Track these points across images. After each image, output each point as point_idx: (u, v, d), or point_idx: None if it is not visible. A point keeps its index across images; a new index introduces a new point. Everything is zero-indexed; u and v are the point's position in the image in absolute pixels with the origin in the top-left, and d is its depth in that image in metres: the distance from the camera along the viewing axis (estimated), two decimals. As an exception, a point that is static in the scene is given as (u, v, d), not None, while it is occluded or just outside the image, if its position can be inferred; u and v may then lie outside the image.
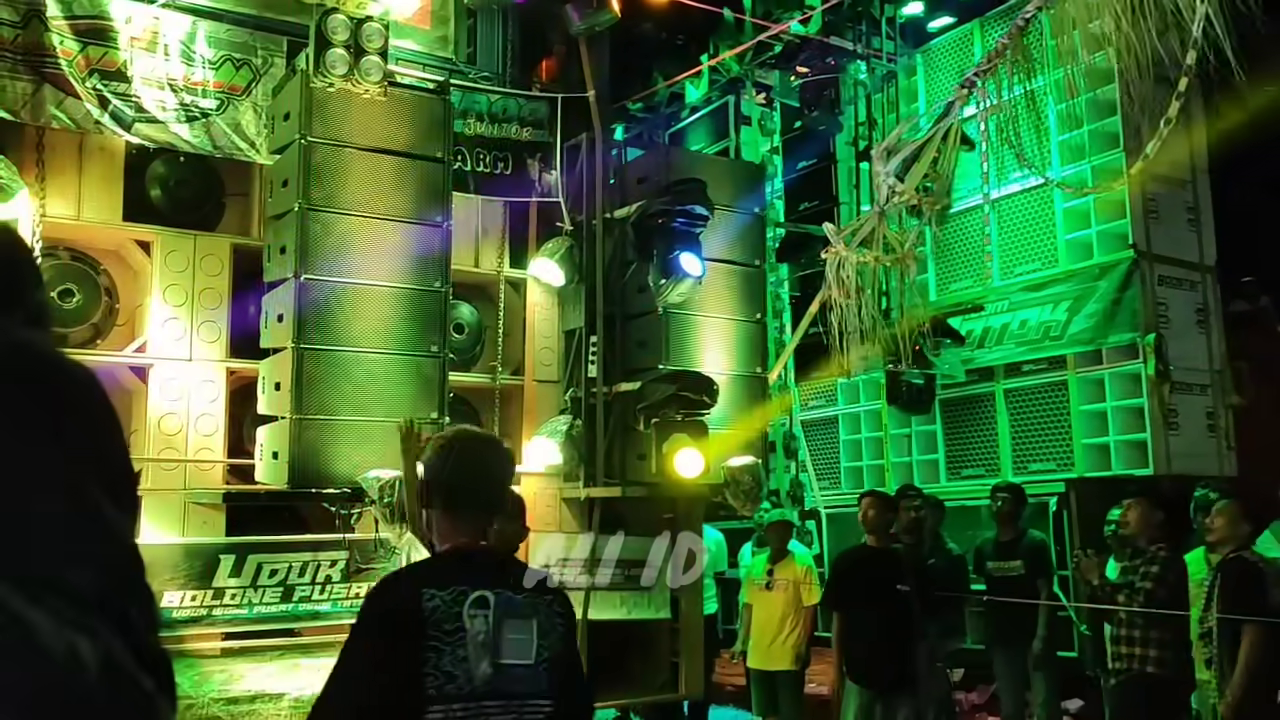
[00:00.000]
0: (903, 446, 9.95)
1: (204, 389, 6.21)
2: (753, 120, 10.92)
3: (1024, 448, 8.97)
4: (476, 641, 2.25)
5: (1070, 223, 8.69)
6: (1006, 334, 8.93)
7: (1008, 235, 9.16)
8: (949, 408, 9.40)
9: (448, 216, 6.18)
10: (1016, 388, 8.98)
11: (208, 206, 6.47)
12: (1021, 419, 8.99)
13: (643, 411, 6.66)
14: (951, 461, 9.50)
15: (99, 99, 5.87)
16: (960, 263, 9.45)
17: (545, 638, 2.33)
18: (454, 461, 2.40)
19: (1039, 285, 8.79)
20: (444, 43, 7.17)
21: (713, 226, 6.98)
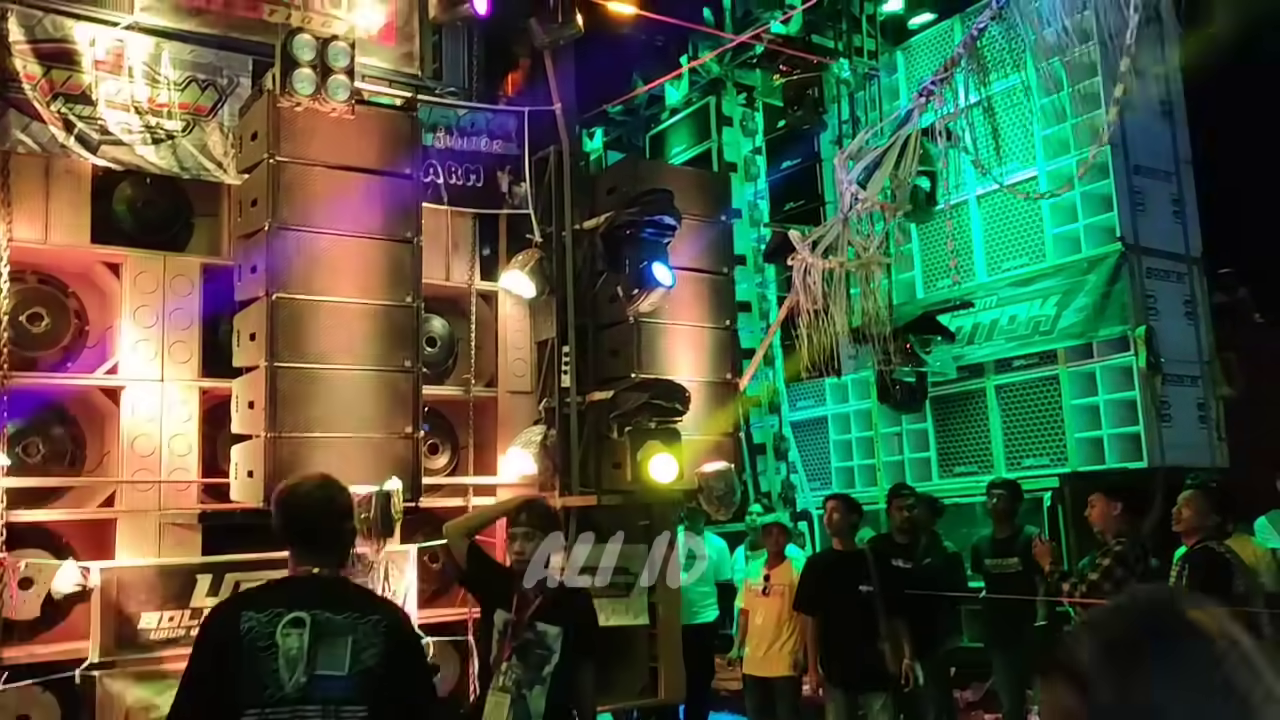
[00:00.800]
0: (893, 445, 9.89)
1: (177, 409, 6.22)
2: (734, 121, 10.90)
3: (1017, 443, 8.96)
4: (289, 656, 2.64)
5: (1056, 217, 8.66)
6: (996, 330, 8.94)
7: (994, 231, 9.14)
8: (939, 405, 9.37)
9: (418, 232, 6.21)
10: (1007, 383, 8.98)
11: (176, 227, 6.47)
12: (1013, 415, 8.98)
13: (616, 420, 6.73)
14: (944, 459, 9.47)
15: (64, 122, 5.87)
16: (946, 260, 9.47)
17: (361, 652, 2.69)
18: (281, 510, 2.98)
19: (1027, 280, 8.79)
20: (410, 59, 7.21)
21: (681, 235, 7.06)
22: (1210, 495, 5.38)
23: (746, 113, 10.92)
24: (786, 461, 10.38)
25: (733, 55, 10.16)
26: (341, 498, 3.05)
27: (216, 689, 2.65)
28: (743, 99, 10.90)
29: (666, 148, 11.38)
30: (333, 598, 2.80)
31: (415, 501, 6.10)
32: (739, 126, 10.97)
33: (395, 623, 2.86)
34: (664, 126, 11.48)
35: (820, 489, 10.22)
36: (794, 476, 10.43)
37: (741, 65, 10.48)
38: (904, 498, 7.45)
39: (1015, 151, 8.85)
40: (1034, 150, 8.75)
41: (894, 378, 8.86)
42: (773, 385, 10.55)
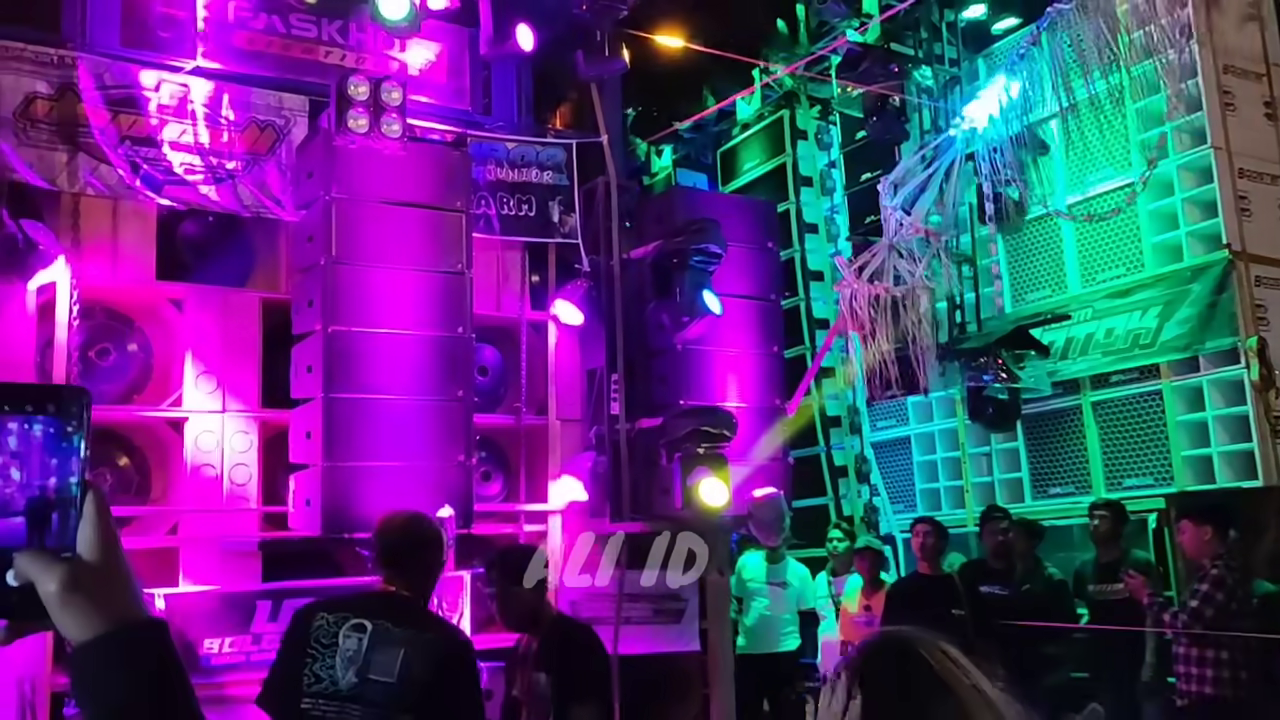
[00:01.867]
0: (982, 466, 9.52)
1: (237, 440, 6.40)
2: (809, 134, 10.66)
3: (1117, 462, 8.50)
4: (345, 655, 2.94)
5: (1157, 225, 8.25)
6: (1091, 344, 8.48)
7: (1088, 241, 8.65)
8: (1031, 423, 8.93)
9: (468, 265, 6.36)
10: (1106, 399, 8.53)
11: (237, 263, 6.68)
12: (1113, 432, 8.53)
13: (665, 446, 6.79)
14: (1037, 480, 9.01)
15: (131, 165, 6.10)
16: (1038, 271, 9.03)
17: (412, 664, 2.93)
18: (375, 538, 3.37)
19: (1125, 291, 8.33)
20: (461, 95, 7.39)
21: (728, 262, 7.13)
22: None
23: (821, 125, 10.72)
24: (869, 484, 10.10)
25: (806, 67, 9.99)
26: (423, 530, 3.38)
27: (288, 675, 3.03)
28: (816, 111, 10.71)
29: (738, 163, 11.14)
30: (399, 612, 3.06)
31: (467, 528, 6.21)
32: (814, 140, 10.77)
33: (450, 643, 3.10)
34: (735, 142, 11.27)
35: (904, 512, 9.89)
36: (876, 499, 10.14)
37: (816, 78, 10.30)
38: (998, 520, 7.15)
39: (1110, 157, 8.44)
40: (1130, 156, 8.31)
41: (985, 395, 8.42)
42: (853, 405, 10.29)
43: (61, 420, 0.96)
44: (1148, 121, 8.10)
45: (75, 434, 0.97)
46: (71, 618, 0.96)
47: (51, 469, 0.96)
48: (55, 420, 0.96)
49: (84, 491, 0.98)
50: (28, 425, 0.95)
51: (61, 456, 0.96)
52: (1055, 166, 8.48)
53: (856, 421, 10.35)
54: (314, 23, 6.84)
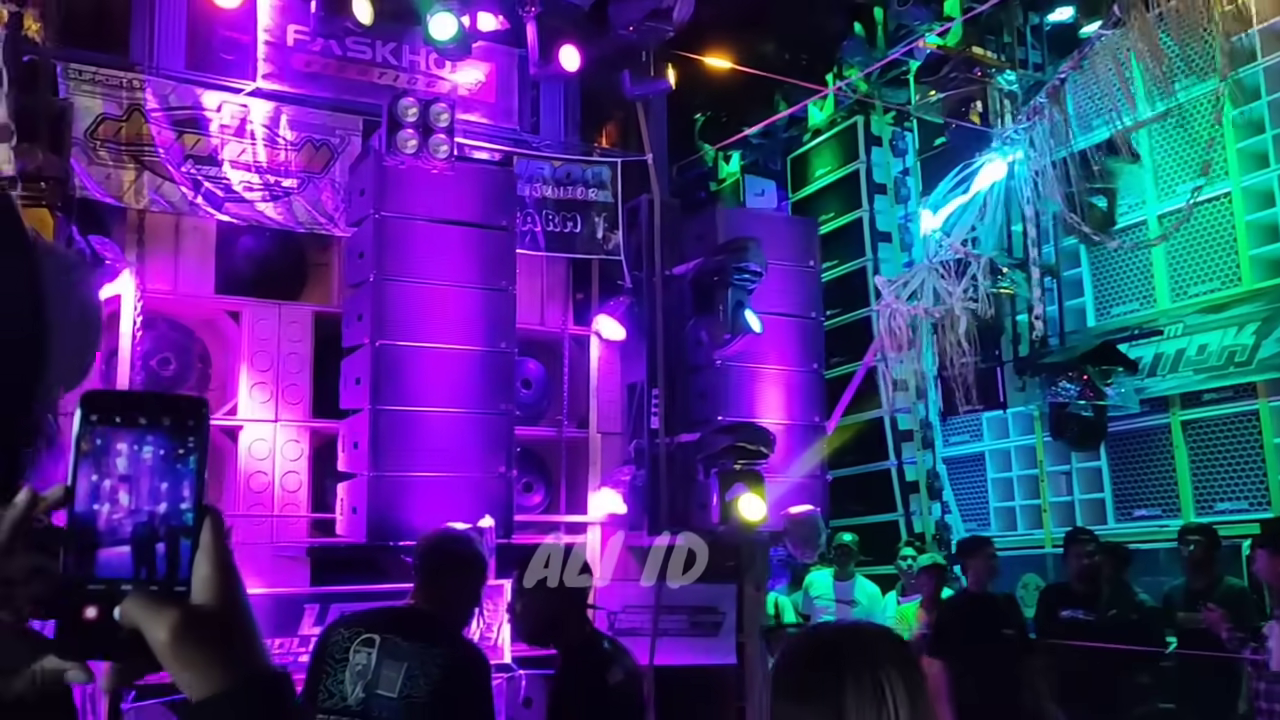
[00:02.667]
0: (1060, 485, 9.13)
1: (289, 448, 6.63)
2: (884, 140, 10.40)
3: (1208, 485, 8.13)
4: (354, 670, 2.95)
5: (1255, 237, 7.82)
6: (1182, 361, 8.11)
7: (1180, 253, 8.26)
8: (1115, 442, 8.51)
9: (513, 282, 6.54)
10: (1197, 419, 8.14)
11: (292, 278, 6.92)
12: (1204, 453, 8.15)
13: (702, 461, 6.91)
14: (1121, 501, 8.61)
15: (193, 182, 6.37)
16: (1124, 284, 8.65)
17: (413, 679, 2.92)
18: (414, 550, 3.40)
19: (1219, 306, 7.95)
20: (509, 114, 7.58)
21: (769, 281, 7.24)
22: None
23: (896, 131, 10.39)
24: (941, 501, 9.74)
25: (882, 72, 9.69)
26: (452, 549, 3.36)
27: (308, 691, 3.06)
28: (890, 117, 10.35)
29: (809, 170, 10.84)
30: (412, 627, 3.06)
31: (508, 538, 6.37)
32: (888, 146, 10.43)
33: (456, 657, 3.06)
34: (806, 148, 10.97)
35: (976, 530, 9.55)
36: (948, 517, 9.79)
37: (891, 82, 9.96)
38: (1083, 543, 6.87)
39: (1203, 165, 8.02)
40: (1226, 165, 7.92)
41: (1069, 412, 8.02)
42: (926, 419, 9.90)
43: (176, 437, 0.87)
44: (1248, 130, 7.78)
45: (191, 454, 0.88)
46: (185, 670, 0.84)
47: (162, 493, 0.86)
48: (169, 437, 0.87)
49: (200, 519, 0.88)
50: (138, 443, 0.85)
51: (174, 479, 0.87)
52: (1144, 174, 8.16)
53: (929, 436, 10.05)
54: (369, 45, 7.07)
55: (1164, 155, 8.04)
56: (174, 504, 0.87)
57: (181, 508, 0.87)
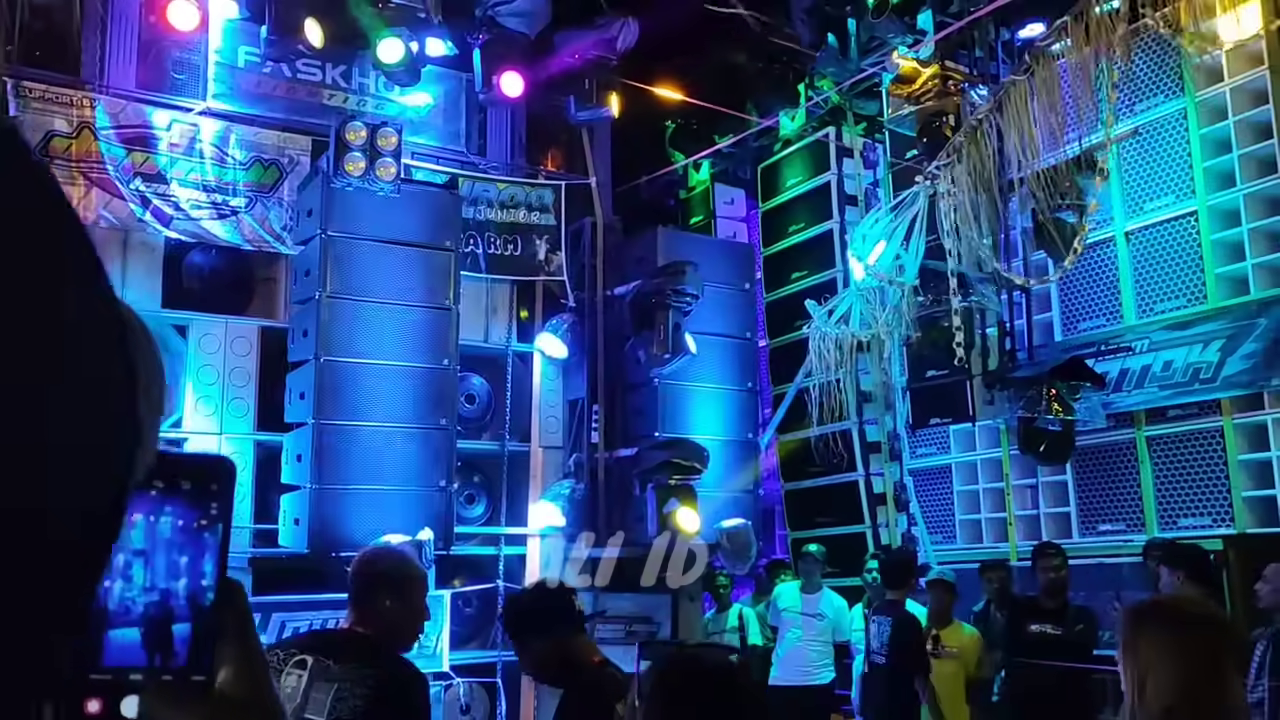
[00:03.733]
0: (1026, 498, 9.08)
1: (233, 460, 6.75)
2: (855, 152, 10.39)
3: (1172, 500, 8.11)
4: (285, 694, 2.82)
5: (1221, 255, 7.83)
6: (1148, 377, 8.10)
7: (1146, 270, 8.27)
8: (1081, 457, 8.49)
9: (455, 300, 6.74)
10: (1162, 434, 8.14)
11: (239, 292, 7.07)
12: (1169, 469, 8.12)
13: (639, 476, 7.15)
14: (1085, 515, 8.57)
15: (141, 199, 6.51)
16: (1091, 300, 8.62)
17: (340, 702, 2.82)
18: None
19: (1185, 323, 7.94)
20: (456, 137, 7.79)
21: (706, 302, 7.50)
22: None
23: (867, 143, 10.35)
24: (907, 513, 9.66)
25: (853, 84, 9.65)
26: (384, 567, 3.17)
27: None
28: (862, 129, 10.33)
29: (780, 180, 10.77)
30: (344, 649, 2.95)
31: (447, 550, 6.57)
32: (859, 158, 10.37)
33: (387, 679, 2.93)
34: (776, 158, 10.85)
35: (942, 543, 9.59)
36: (915, 529, 9.71)
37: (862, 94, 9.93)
38: (1050, 557, 6.80)
39: (1171, 185, 8.08)
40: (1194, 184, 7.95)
41: (1037, 426, 7.98)
42: (894, 430, 9.82)
43: (197, 504, 0.77)
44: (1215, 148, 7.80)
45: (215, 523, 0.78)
46: None
47: (180, 569, 0.77)
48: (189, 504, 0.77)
49: (224, 598, 0.78)
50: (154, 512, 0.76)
51: (194, 552, 0.77)
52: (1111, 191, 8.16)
53: (897, 447, 9.91)
54: (319, 67, 7.25)
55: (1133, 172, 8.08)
56: (194, 581, 0.77)
57: (203, 585, 0.78)
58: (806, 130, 10.52)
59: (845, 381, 7.06)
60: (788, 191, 10.65)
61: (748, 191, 11.51)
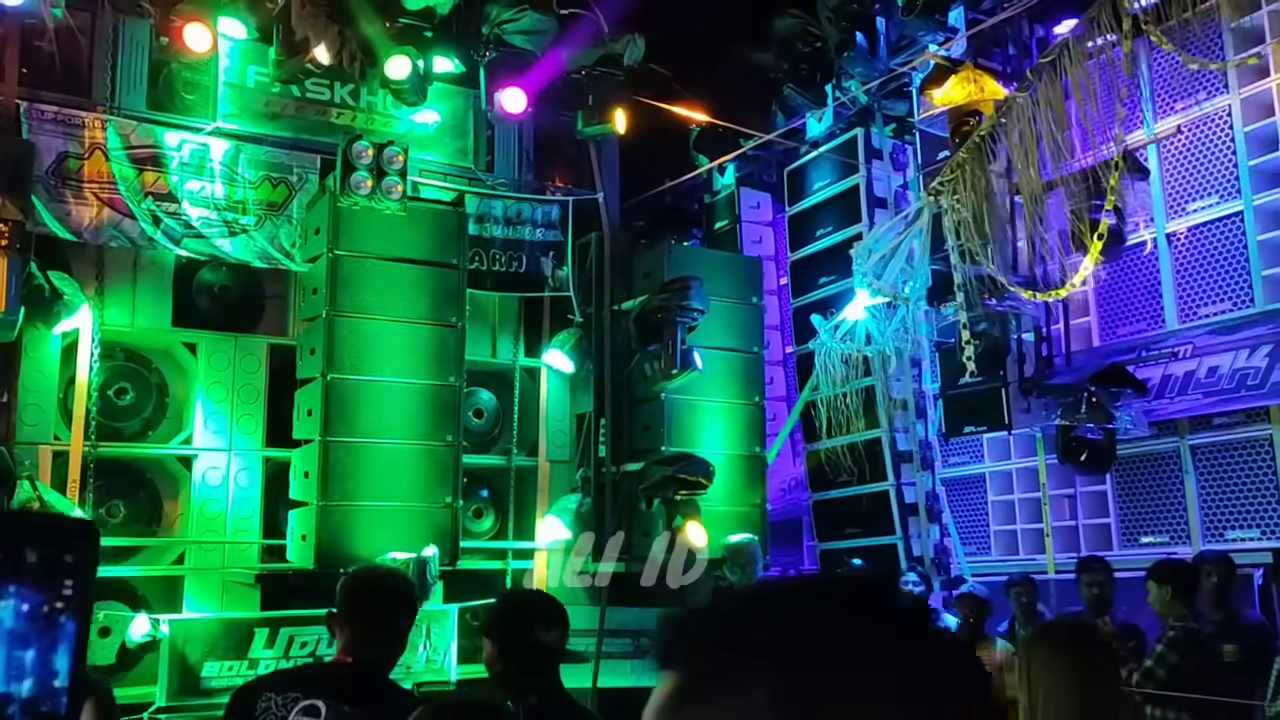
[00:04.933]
0: (1064, 509, 8.75)
1: (241, 476, 6.84)
2: (884, 154, 10.03)
3: (1218, 511, 7.82)
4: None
5: (1268, 256, 7.54)
6: (1192, 383, 7.78)
7: (1189, 273, 7.97)
8: (1122, 466, 8.17)
9: (462, 317, 6.80)
10: (1207, 444, 7.85)
11: (248, 310, 7.14)
12: (1214, 479, 7.85)
13: (644, 491, 7.17)
14: (1126, 527, 8.29)
15: (152, 218, 6.59)
16: (1131, 304, 8.31)
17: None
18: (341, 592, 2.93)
19: (1230, 328, 7.66)
20: (464, 154, 7.85)
21: (713, 316, 7.53)
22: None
23: (897, 144, 10.03)
24: (940, 524, 9.40)
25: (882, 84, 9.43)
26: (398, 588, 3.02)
27: None
28: (891, 130, 10.02)
29: (806, 183, 10.46)
30: (355, 689, 2.75)
31: (452, 566, 6.61)
32: (889, 160, 10.01)
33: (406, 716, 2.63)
34: (804, 160, 10.54)
35: (975, 554, 9.33)
36: (947, 540, 9.46)
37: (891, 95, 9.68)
38: (1094, 571, 6.54)
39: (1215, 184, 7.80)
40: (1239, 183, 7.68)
41: (1076, 435, 7.67)
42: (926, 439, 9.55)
43: (48, 584, 0.64)
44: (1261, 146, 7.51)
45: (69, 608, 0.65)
46: None
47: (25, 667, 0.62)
48: (37, 584, 0.64)
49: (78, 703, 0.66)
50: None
51: (43, 645, 0.63)
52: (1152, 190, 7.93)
53: (929, 456, 9.65)
54: (327, 86, 7.33)
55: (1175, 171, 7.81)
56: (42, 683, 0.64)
57: (54, 686, 0.64)
58: (834, 131, 10.20)
59: (850, 397, 7.05)
60: (815, 195, 10.33)
61: (774, 195, 11.22)
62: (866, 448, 8.94)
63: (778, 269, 11.43)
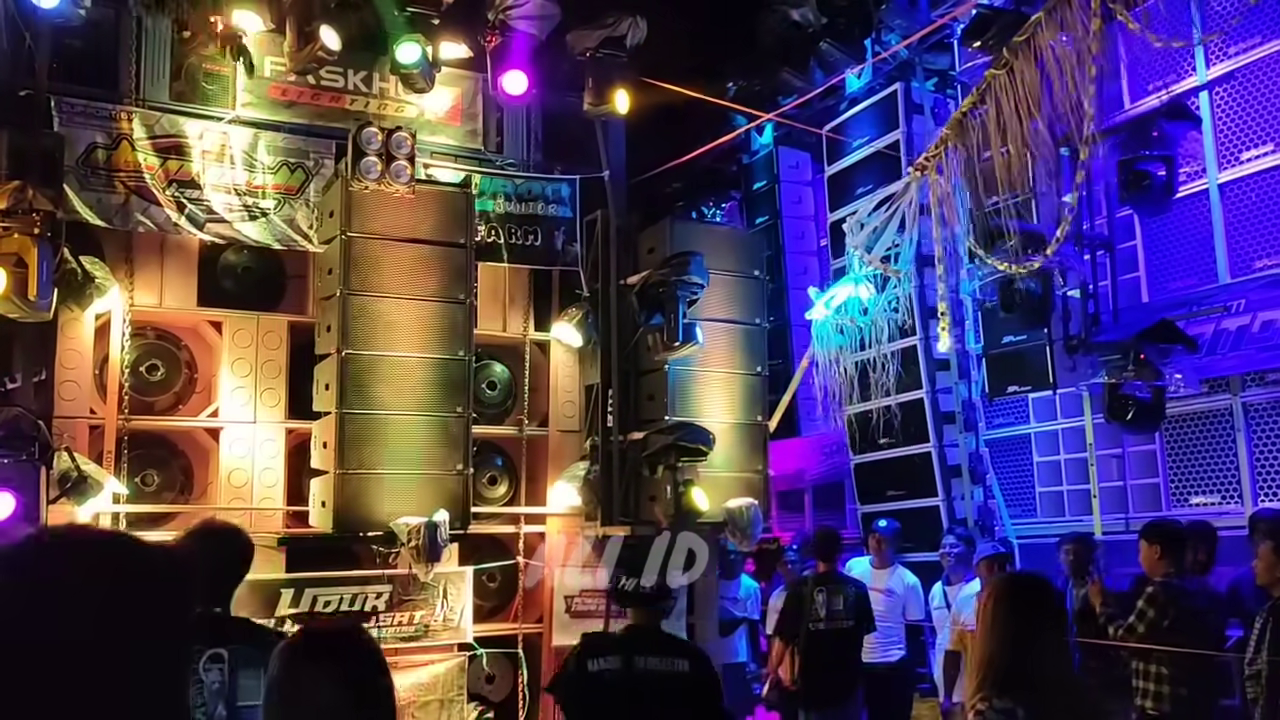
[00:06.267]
0: (1112, 469, 8.50)
1: (266, 447, 7.25)
2: (925, 109, 9.67)
3: (1272, 470, 7.61)
4: (212, 690, 2.90)
5: None
6: (1245, 338, 7.53)
7: (1241, 225, 7.63)
8: (1171, 425, 7.95)
9: (470, 294, 7.13)
10: (1260, 401, 7.59)
11: (269, 290, 7.52)
12: (1268, 437, 7.63)
13: (647, 459, 7.48)
14: (1176, 487, 8.07)
15: (177, 205, 6.97)
16: (1181, 258, 8.05)
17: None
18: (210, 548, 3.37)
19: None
20: (474, 136, 8.15)
21: (716, 290, 7.80)
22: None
23: (938, 98, 9.64)
24: (984, 485, 9.19)
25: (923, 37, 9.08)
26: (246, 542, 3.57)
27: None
28: (933, 84, 9.59)
29: (846, 139, 10.14)
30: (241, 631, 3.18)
31: (464, 530, 6.98)
32: (930, 115, 9.62)
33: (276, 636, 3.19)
34: (844, 118, 10.18)
35: (1020, 517, 9.09)
36: (991, 502, 9.25)
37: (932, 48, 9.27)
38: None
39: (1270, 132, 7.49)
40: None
41: (1124, 394, 7.41)
42: (969, 399, 9.26)
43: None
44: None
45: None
46: None
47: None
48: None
49: None
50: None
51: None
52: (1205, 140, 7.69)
53: (972, 417, 9.38)
54: (340, 74, 7.64)
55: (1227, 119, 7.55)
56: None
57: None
58: (874, 87, 9.89)
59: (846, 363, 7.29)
60: (854, 153, 10.02)
61: (812, 155, 10.93)
62: (908, 409, 8.83)
63: (817, 230, 11.34)
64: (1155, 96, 7.57)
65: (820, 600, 6.95)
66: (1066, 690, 2.49)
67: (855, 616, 7.02)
